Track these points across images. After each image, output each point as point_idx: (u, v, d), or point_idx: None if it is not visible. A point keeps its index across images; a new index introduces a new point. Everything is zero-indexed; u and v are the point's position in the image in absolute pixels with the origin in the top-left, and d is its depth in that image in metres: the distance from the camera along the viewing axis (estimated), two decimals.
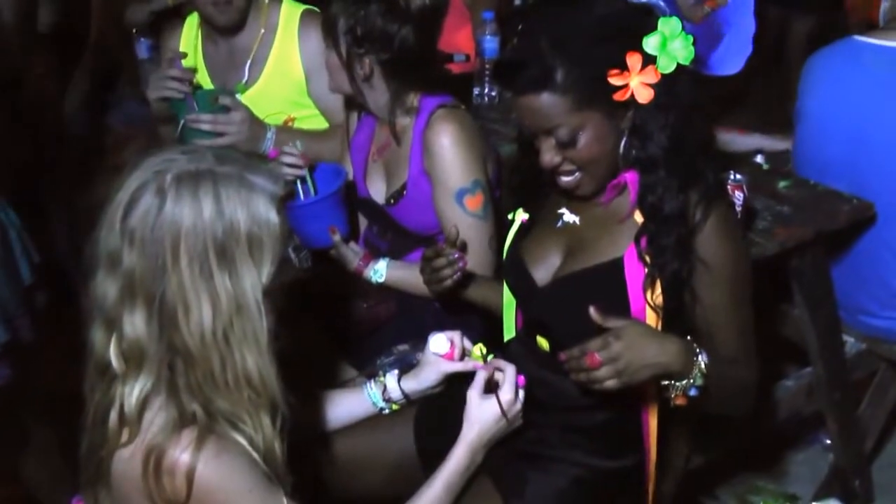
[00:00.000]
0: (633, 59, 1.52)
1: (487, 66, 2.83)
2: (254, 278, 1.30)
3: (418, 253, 2.19)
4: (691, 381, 1.50)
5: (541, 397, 1.70)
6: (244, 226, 1.29)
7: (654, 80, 1.52)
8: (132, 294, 1.30)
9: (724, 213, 1.60)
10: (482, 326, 2.04)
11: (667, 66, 1.53)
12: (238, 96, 2.40)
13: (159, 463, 1.29)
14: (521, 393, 1.62)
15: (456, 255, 1.83)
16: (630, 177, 1.61)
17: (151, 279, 1.28)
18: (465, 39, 3.09)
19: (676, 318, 1.61)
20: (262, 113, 2.39)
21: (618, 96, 1.53)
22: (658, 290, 1.58)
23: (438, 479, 1.59)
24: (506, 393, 1.60)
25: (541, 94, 1.53)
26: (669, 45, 1.52)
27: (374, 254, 2.18)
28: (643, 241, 1.59)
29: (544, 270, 1.71)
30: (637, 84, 1.52)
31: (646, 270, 1.58)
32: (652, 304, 1.58)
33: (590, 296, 1.59)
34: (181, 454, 1.29)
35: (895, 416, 2.71)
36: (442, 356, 1.73)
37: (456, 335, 1.74)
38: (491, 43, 2.84)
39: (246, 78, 2.43)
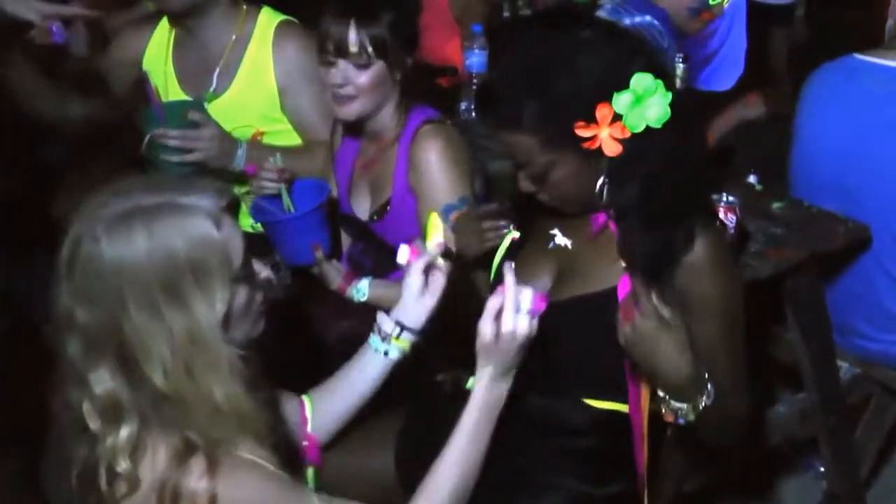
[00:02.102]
0: (603, 112, 1.49)
1: (475, 80, 2.85)
2: (204, 308, 1.30)
3: (401, 272, 2.22)
4: (682, 411, 1.54)
5: (530, 420, 1.70)
6: (184, 253, 1.29)
7: (622, 136, 1.50)
8: (93, 350, 1.31)
9: (714, 246, 1.58)
10: (467, 343, 2.05)
11: (635, 125, 1.50)
12: (206, 105, 2.39)
13: (176, 497, 1.30)
14: (535, 320, 1.52)
15: (502, 223, 1.82)
16: (605, 218, 1.62)
17: (107, 332, 1.29)
18: (453, 52, 3.13)
19: None
20: (229, 125, 2.40)
21: (586, 145, 1.51)
22: None
23: (465, 422, 1.54)
24: (508, 320, 1.50)
25: (511, 133, 1.55)
26: (643, 103, 1.49)
27: (357, 272, 2.19)
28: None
29: None
30: (606, 137, 1.50)
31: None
32: None
33: (584, 324, 1.61)
34: (197, 482, 1.30)
35: (891, 442, 2.74)
36: (409, 262, 1.69)
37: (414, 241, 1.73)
38: (479, 57, 2.86)
39: (214, 86, 2.43)
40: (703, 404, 1.55)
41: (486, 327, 1.51)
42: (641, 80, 1.50)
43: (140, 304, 1.28)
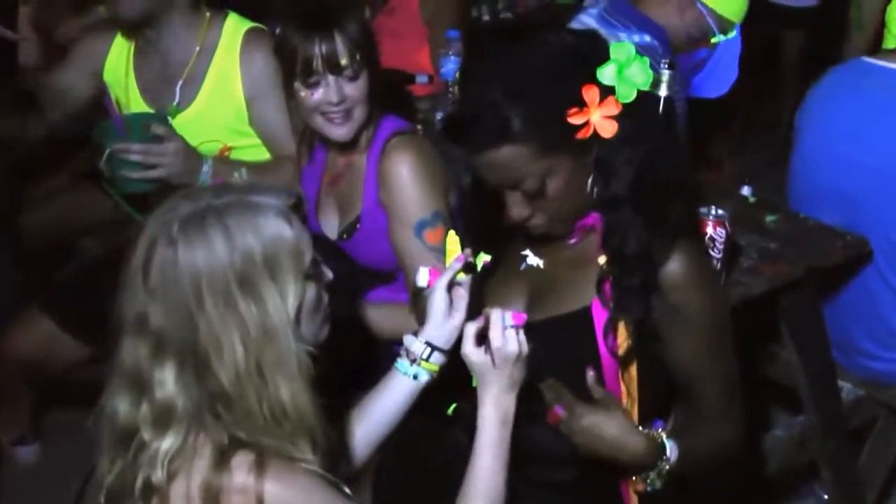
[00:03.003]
0: (591, 93, 1.53)
1: (451, 88, 2.86)
2: (278, 302, 1.39)
3: (376, 292, 2.22)
4: (648, 478, 1.60)
5: (511, 450, 1.71)
6: (259, 249, 1.38)
7: (615, 111, 1.54)
8: (163, 351, 1.38)
9: (695, 254, 1.63)
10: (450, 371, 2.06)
11: (626, 94, 1.55)
12: (169, 119, 2.40)
13: (220, 494, 1.35)
14: (521, 332, 1.58)
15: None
16: (597, 217, 1.64)
17: (181, 331, 1.37)
18: (426, 59, 3.14)
19: (650, 370, 1.66)
20: (195, 140, 2.40)
21: (581, 134, 1.55)
22: (623, 337, 1.62)
23: (481, 448, 1.59)
24: (495, 333, 1.57)
25: (500, 148, 1.55)
26: (626, 71, 1.54)
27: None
28: (606, 285, 1.62)
29: None
30: (598, 118, 1.54)
31: (608, 315, 1.62)
32: (615, 352, 1.62)
33: (558, 347, 1.63)
34: (245, 478, 1.36)
35: None
36: (430, 284, 1.72)
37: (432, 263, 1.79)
38: (455, 64, 2.87)
39: (178, 99, 2.43)
40: (667, 467, 1.59)
41: (469, 350, 1.56)
42: (620, 48, 1.56)
43: (217, 301, 1.36)
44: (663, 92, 2.04)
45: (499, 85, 1.54)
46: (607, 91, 1.55)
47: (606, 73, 1.54)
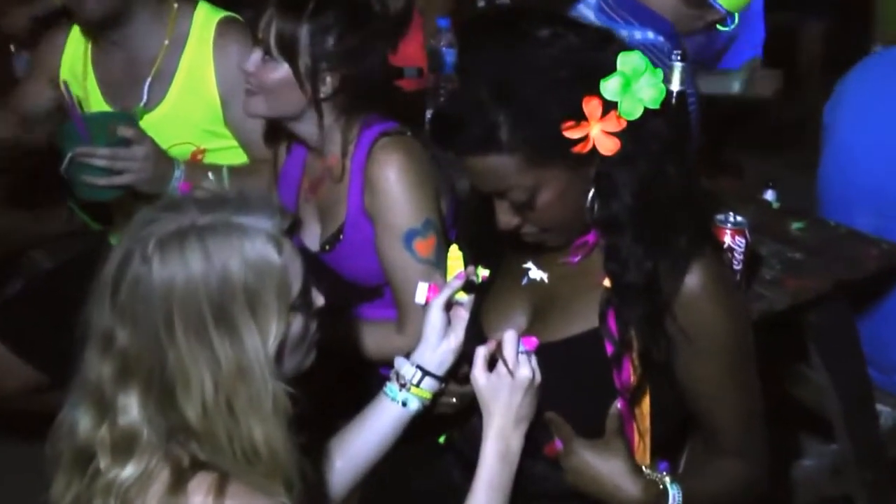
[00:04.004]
0: (592, 106, 1.50)
1: (443, 82, 2.87)
2: (257, 341, 1.38)
3: (361, 309, 2.23)
4: None
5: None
6: (240, 276, 1.37)
7: (617, 128, 1.52)
8: (128, 374, 1.38)
9: (713, 268, 1.61)
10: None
11: (631, 110, 1.52)
12: (137, 120, 2.39)
13: None
14: (534, 357, 1.62)
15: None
16: (595, 237, 1.64)
17: (148, 357, 1.37)
18: (416, 50, 3.15)
19: (663, 401, 1.66)
20: (165, 143, 2.39)
21: (577, 149, 1.52)
22: (630, 370, 1.61)
23: (478, 487, 1.60)
24: (509, 356, 1.60)
25: (486, 156, 1.54)
26: (633, 85, 1.52)
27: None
28: (610, 315, 1.61)
29: None
30: (598, 134, 1.52)
31: (612, 348, 1.61)
32: (626, 387, 1.61)
33: (566, 372, 1.63)
34: (203, 499, 1.34)
35: None
36: (428, 301, 1.74)
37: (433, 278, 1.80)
38: (448, 56, 2.87)
39: (145, 99, 2.43)
40: None
41: (479, 375, 1.59)
42: (628, 59, 1.52)
43: (188, 330, 1.35)
44: (675, 86, 2.05)
45: (487, 85, 1.53)
46: (610, 105, 1.52)
47: (609, 88, 1.51)
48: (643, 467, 1.63)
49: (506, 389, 1.60)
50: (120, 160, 2.28)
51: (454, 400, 1.79)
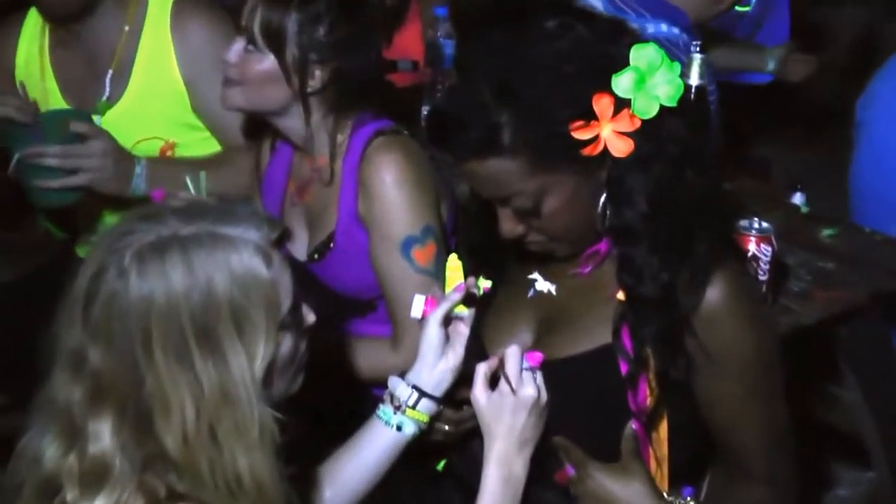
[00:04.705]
0: (602, 104, 1.49)
1: (441, 77, 2.86)
2: (243, 363, 1.36)
3: (352, 325, 2.23)
4: None
5: None
6: (225, 291, 1.35)
7: (630, 128, 1.51)
8: (101, 398, 1.36)
9: (736, 280, 1.61)
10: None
11: (646, 109, 1.51)
12: (98, 119, 2.39)
13: None
14: (539, 375, 1.62)
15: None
16: (608, 246, 1.64)
17: (124, 380, 1.35)
18: (412, 42, 3.15)
19: (682, 424, 1.65)
20: (130, 138, 2.38)
21: (588, 151, 1.51)
22: (646, 391, 1.61)
23: None
24: (512, 374, 1.59)
25: (486, 160, 1.54)
26: (648, 81, 1.51)
27: None
28: (624, 331, 1.61)
29: None
30: (609, 134, 1.51)
31: (626, 367, 1.60)
32: (641, 411, 1.61)
33: (576, 392, 1.63)
34: None
35: None
36: (424, 315, 1.73)
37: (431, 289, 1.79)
38: (446, 48, 2.87)
39: (108, 93, 2.42)
40: None
41: (479, 394, 1.58)
42: (643, 53, 1.52)
43: (168, 351, 1.33)
44: (694, 80, 2.06)
45: (489, 83, 1.52)
46: (623, 103, 1.51)
47: (622, 84, 1.50)
48: (664, 493, 1.63)
49: (508, 410, 1.58)
50: (73, 158, 2.26)
51: (447, 427, 1.78)
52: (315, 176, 2.19)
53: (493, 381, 1.62)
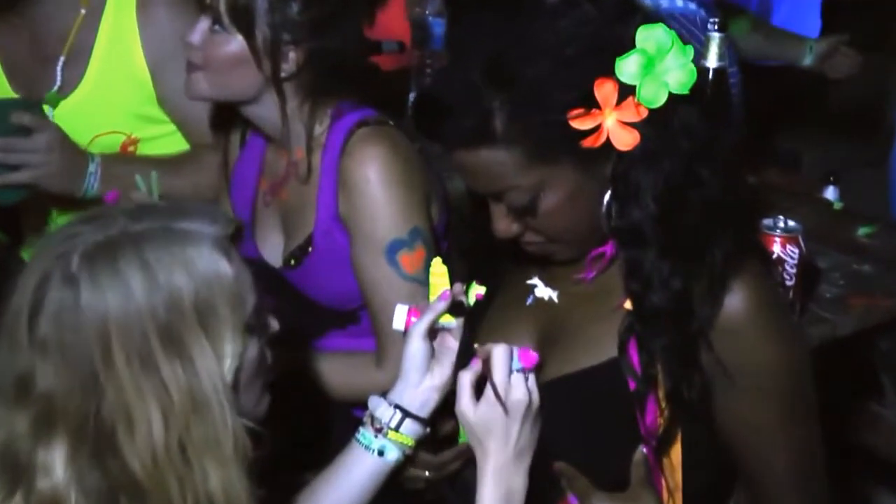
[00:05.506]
0: (605, 90, 1.49)
1: (429, 59, 2.87)
2: (211, 362, 1.37)
3: (332, 338, 2.23)
4: None
5: None
6: (189, 292, 1.36)
7: (636, 118, 1.50)
8: (51, 424, 1.35)
9: (759, 285, 1.60)
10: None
11: (654, 96, 1.50)
12: (48, 111, 2.38)
13: None
14: (532, 377, 1.61)
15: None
16: (614, 248, 1.63)
17: (79, 397, 1.34)
18: (397, 20, 3.15)
19: (698, 448, 1.64)
20: (86, 133, 2.39)
21: (587, 143, 1.50)
22: (655, 412, 1.60)
23: None
24: (498, 379, 1.57)
25: (478, 150, 1.54)
26: (657, 65, 1.50)
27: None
28: (631, 345, 1.60)
29: None
30: (613, 125, 1.50)
31: (634, 384, 1.59)
32: (651, 434, 1.60)
33: (579, 411, 1.63)
34: None
35: None
36: (407, 327, 1.73)
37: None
38: (436, 27, 2.89)
39: (59, 82, 2.41)
40: None
41: (466, 407, 1.57)
42: (650, 34, 1.51)
43: (131, 361, 1.34)
44: (712, 62, 2.04)
45: (480, 65, 1.52)
46: (628, 89, 1.50)
47: (627, 68, 1.49)
48: None
49: (499, 420, 1.57)
50: (16, 152, 2.25)
51: (428, 474, 1.76)
52: (291, 171, 2.17)
53: (480, 386, 1.61)
